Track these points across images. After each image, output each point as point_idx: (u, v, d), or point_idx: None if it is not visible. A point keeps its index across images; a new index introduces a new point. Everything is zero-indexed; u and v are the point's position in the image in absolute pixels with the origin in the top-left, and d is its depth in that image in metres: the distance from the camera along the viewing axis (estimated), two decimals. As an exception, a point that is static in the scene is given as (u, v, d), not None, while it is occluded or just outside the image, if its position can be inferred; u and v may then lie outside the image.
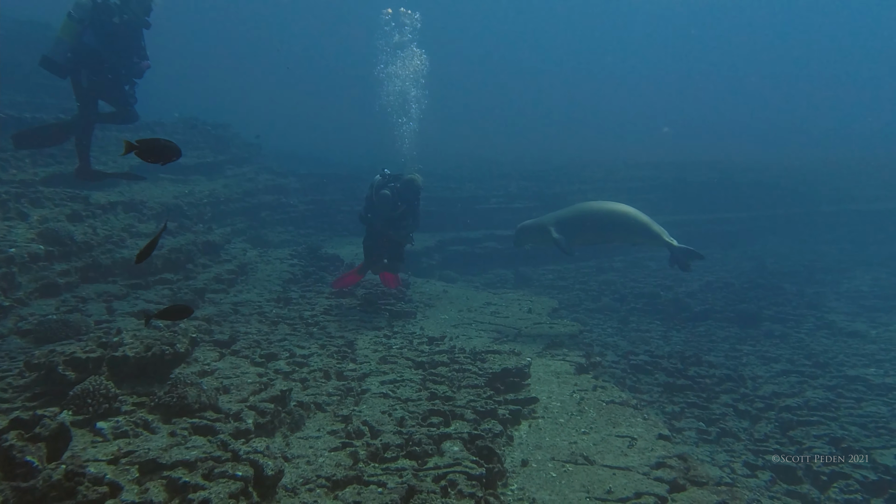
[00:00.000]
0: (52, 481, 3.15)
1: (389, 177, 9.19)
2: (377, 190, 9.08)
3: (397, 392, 5.49)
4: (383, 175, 9.20)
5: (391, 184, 9.05)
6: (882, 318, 12.62)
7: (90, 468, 3.41)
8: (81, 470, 3.30)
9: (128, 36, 8.14)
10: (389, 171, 9.30)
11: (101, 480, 3.30)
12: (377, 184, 9.14)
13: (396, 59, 13.74)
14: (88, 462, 3.53)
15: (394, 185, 9.02)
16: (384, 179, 9.14)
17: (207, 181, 14.87)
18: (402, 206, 9.04)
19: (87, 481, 3.25)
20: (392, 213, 9.04)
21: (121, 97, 8.48)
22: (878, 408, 7.71)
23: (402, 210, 9.07)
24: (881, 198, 24.11)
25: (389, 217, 9.05)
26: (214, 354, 5.75)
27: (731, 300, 12.86)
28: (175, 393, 4.41)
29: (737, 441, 6.79)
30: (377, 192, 9.05)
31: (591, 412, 5.53)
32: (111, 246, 8.59)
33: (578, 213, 9.43)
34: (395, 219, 9.09)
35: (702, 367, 8.67)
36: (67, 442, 3.56)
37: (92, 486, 3.23)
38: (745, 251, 19.26)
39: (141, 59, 8.49)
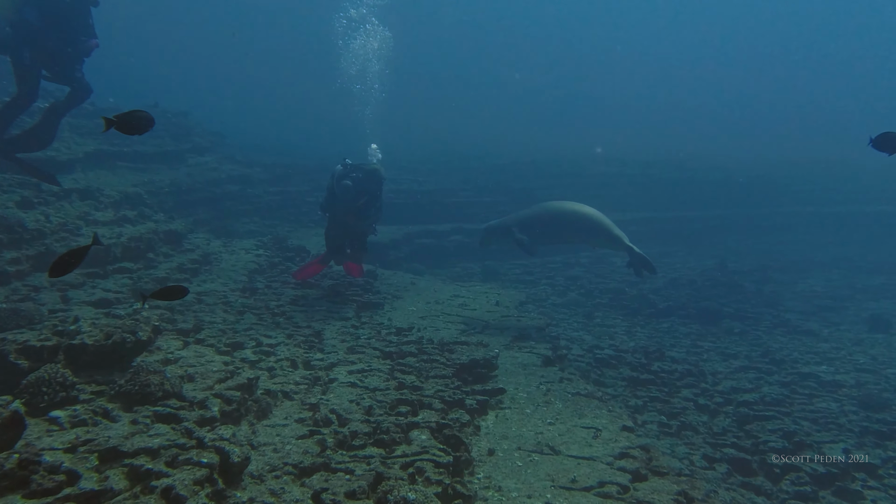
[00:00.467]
0: (5, 470, 3.04)
1: (351, 167, 8.98)
2: (338, 180, 8.88)
3: (365, 381, 5.46)
4: (344, 165, 8.99)
5: (353, 174, 8.86)
6: (833, 318, 13.07)
7: (46, 457, 3.31)
8: (36, 458, 3.19)
9: (74, 12, 7.86)
10: (351, 160, 9.09)
11: (57, 469, 3.19)
12: (338, 174, 8.93)
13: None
14: (44, 451, 3.41)
15: (356, 176, 8.82)
16: (345, 169, 8.93)
17: (168, 170, 14.50)
18: (364, 196, 8.88)
19: (42, 470, 3.15)
20: (354, 204, 8.86)
21: (70, 73, 8.22)
22: (828, 404, 7.96)
23: (363, 201, 8.90)
24: (837, 201, 24.98)
25: (351, 208, 8.88)
26: (178, 343, 5.61)
27: (693, 297, 13.13)
28: (137, 381, 4.29)
29: (696, 434, 6.94)
30: (338, 183, 8.86)
31: (558, 403, 5.59)
32: (65, 234, 8.29)
33: (542, 214, 9.48)
34: (357, 209, 8.92)
35: (664, 363, 8.84)
36: (21, 431, 3.44)
37: (48, 475, 3.13)
38: (707, 249, 19.70)
39: (88, 37, 8.21)
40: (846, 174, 27.55)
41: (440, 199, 18.30)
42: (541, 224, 9.33)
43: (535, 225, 9.31)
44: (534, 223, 9.32)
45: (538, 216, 9.44)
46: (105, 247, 8.16)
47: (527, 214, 9.53)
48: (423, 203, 17.85)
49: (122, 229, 9.28)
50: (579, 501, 3.92)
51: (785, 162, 28.55)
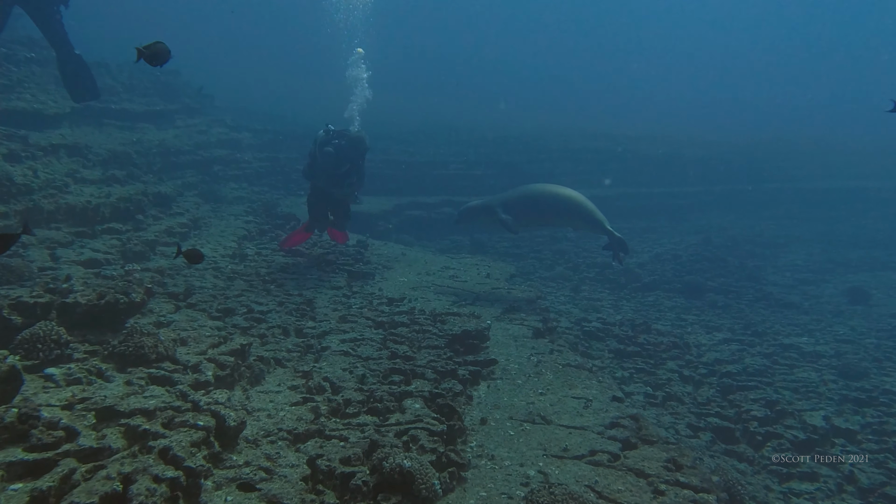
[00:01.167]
0: (5, 423, 3.04)
1: (334, 133, 8.73)
2: (320, 146, 8.65)
3: (358, 350, 5.49)
4: (327, 131, 8.74)
5: (335, 140, 8.61)
6: (813, 291, 13.33)
7: (44, 412, 3.31)
8: (35, 413, 3.20)
9: None
10: (334, 126, 8.84)
11: (55, 425, 3.20)
12: (320, 140, 8.69)
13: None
14: (42, 406, 3.40)
15: (338, 143, 8.57)
16: (328, 136, 8.69)
17: (157, 130, 14.22)
18: (346, 164, 8.65)
19: (41, 425, 3.15)
20: (335, 171, 8.62)
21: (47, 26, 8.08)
22: (808, 373, 8.18)
23: (346, 168, 8.67)
24: (817, 177, 25.22)
25: (333, 175, 8.71)
26: (170, 306, 5.59)
27: (678, 272, 13.29)
28: (131, 342, 4.28)
29: (681, 404, 7.10)
30: (320, 149, 8.61)
31: (548, 374, 5.66)
32: (53, 191, 8.17)
33: (525, 196, 9.35)
34: (339, 177, 8.68)
35: (650, 335, 8.97)
36: (18, 386, 3.43)
37: (47, 430, 3.14)
38: (692, 224, 19.85)
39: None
40: (825, 152, 27.84)
41: (430, 171, 18.18)
42: (523, 206, 9.23)
43: (517, 207, 9.21)
44: (515, 205, 9.23)
45: (520, 198, 9.34)
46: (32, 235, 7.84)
47: (509, 196, 9.42)
48: (414, 174, 17.73)
49: (110, 188, 9.15)
50: (571, 469, 4.00)
51: (767, 140, 28.72)
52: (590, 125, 26.98)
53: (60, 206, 7.76)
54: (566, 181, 19.99)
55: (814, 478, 5.50)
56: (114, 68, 14.73)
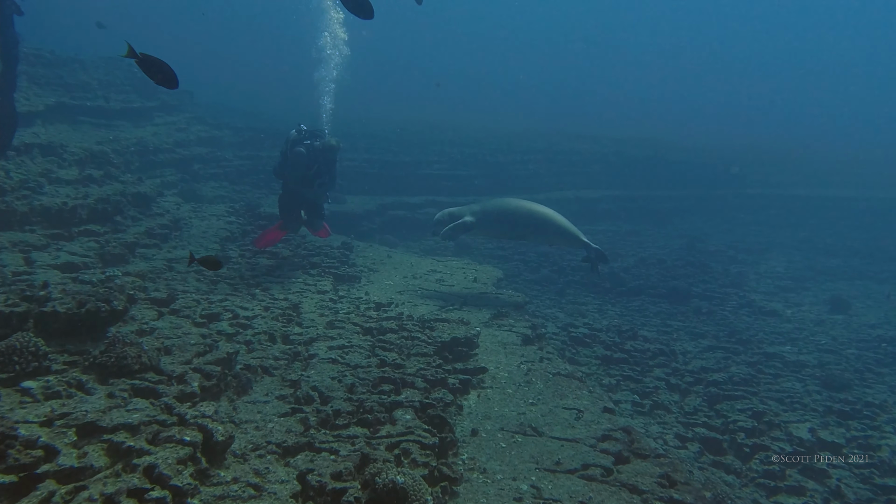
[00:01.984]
0: (-20, 445, 2.89)
1: (306, 133, 8.62)
2: (292, 146, 8.51)
3: (346, 358, 5.38)
4: (299, 131, 8.63)
5: (307, 140, 8.49)
6: (794, 298, 13.47)
7: (21, 430, 3.15)
8: (12, 432, 3.05)
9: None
10: (306, 126, 8.72)
11: (34, 443, 3.06)
12: (292, 139, 8.56)
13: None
14: (19, 423, 3.25)
15: (309, 143, 8.45)
16: (299, 135, 8.57)
17: (134, 128, 13.95)
18: (315, 165, 8.51)
19: (18, 444, 3.00)
20: (306, 172, 8.50)
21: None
22: (792, 384, 8.23)
23: (315, 168, 8.51)
24: (797, 184, 25.61)
25: (303, 175, 8.53)
26: (152, 313, 5.42)
27: (663, 276, 13.35)
28: (113, 352, 4.12)
29: (668, 413, 7.10)
30: (291, 149, 8.49)
31: (539, 383, 5.60)
32: (26, 192, 7.93)
33: (501, 210, 9.20)
34: (309, 177, 8.56)
35: (637, 342, 8.98)
36: (-6, 403, 3.27)
37: (24, 450, 2.99)
38: (675, 228, 20.04)
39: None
40: (804, 161, 28.30)
41: (414, 170, 18.10)
42: (500, 219, 9.12)
43: (494, 219, 9.10)
44: (492, 217, 9.10)
45: (497, 212, 9.19)
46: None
47: (487, 208, 9.26)
48: (398, 174, 17.63)
49: (87, 189, 8.91)
50: (564, 484, 3.94)
51: (748, 148, 29.09)
52: (574, 128, 27.07)
53: (34, 207, 7.53)
54: (551, 182, 20.17)
55: (801, 492, 5.50)
56: (89, 64, 14.41)
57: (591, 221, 19.10)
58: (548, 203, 18.97)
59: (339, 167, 8.93)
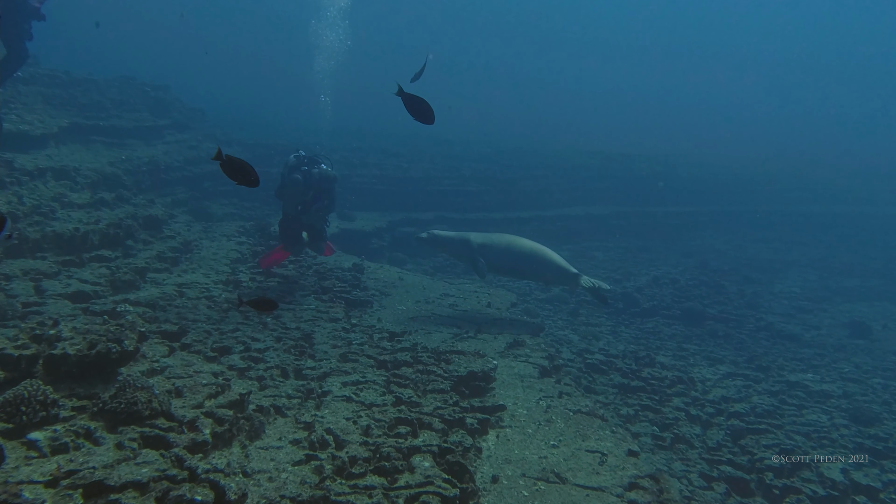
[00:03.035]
0: (-16, 515, 2.75)
1: (304, 159, 8.74)
2: (289, 172, 8.65)
3: (361, 395, 5.23)
4: (297, 157, 8.76)
5: (304, 167, 8.60)
6: (812, 321, 13.22)
7: (25, 493, 3.03)
8: (16, 500, 2.92)
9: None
10: (305, 152, 8.88)
11: (41, 511, 2.92)
12: (290, 164, 8.70)
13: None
14: (23, 485, 3.12)
15: (306, 170, 8.57)
16: (297, 161, 8.69)
17: (146, 146, 13.93)
18: (311, 192, 8.59)
19: (24, 512, 2.87)
20: (302, 198, 8.61)
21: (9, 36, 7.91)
22: (818, 416, 8.01)
23: (311, 195, 8.62)
24: (810, 200, 25.32)
25: (299, 202, 8.65)
26: (163, 349, 5.30)
27: (677, 297, 13.15)
28: (123, 398, 3.99)
29: (691, 448, 6.89)
30: (289, 175, 8.64)
31: (559, 422, 5.43)
32: (39, 217, 7.87)
33: (502, 246, 9.11)
34: (305, 203, 8.67)
35: (654, 369, 8.78)
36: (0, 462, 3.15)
37: (31, 518, 2.86)
38: (686, 245, 19.80)
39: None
40: (815, 175, 28.00)
41: (424, 186, 17.99)
42: (496, 254, 9.04)
43: (494, 253, 9.03)
44: (492, 251, 9.01)
45: (495, 246, 9.10)
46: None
47: (489, 241, 9.14)
48: (407, 191, 17.53)
49: (99, 213, 8.85)
50: (591, 540, 3.77)
51: (759, 161, 28.86)
52: (585, 142, 26.97)
53: (47, 234, 7.45)
54: (562, 198, 20.01)
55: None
56: (102, 84, 14.43)
57: (602, 238, 18.94)
58: (558, 220, 18.90)
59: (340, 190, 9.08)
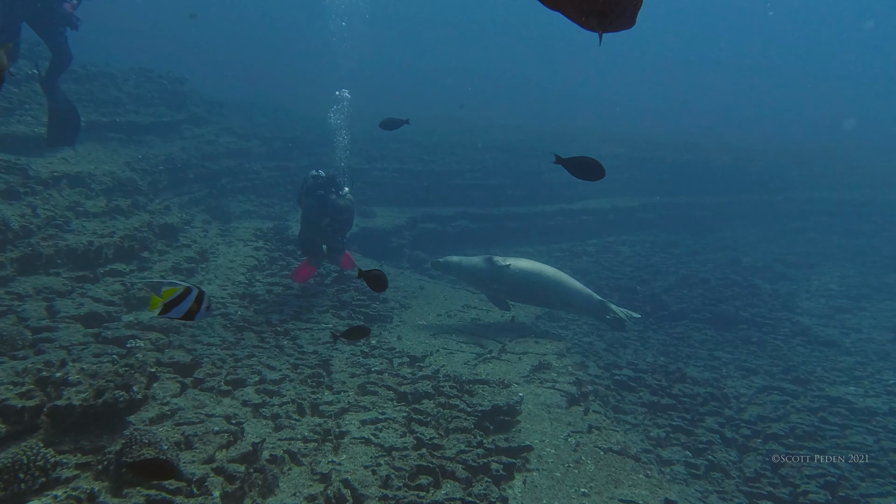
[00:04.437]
0: None
1: (321, 180, 8.67)
2: (307, 194, 8.68)
3: (380, 437, 4.97)
4: (316, 178, 8.71)
5: (320, 192, 8.56)
6: (852, 322, 12.68)
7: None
8: None
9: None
10: (324, 173, 8.81)
11: None
12: (308, 185, 8.70)
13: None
14: (19, 573, 2.91)
15: (322, 195, 8.52)
16: (315, 183, 8.65)
17: (163, 143, 13.71)
18: (327, 218, 8.58)
19: None
20: (318, 223, 8.63)
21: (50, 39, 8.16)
22: (863, 437, 7.59)
23: (327, 222, 8.63)
24: (847, 187, 24.36)
25: (315, 225, 8.68)
26: (175, 386, 5.07)
27: (707, 299, 12.68)
28: (129, 457, 3.77)
29: (727, 478, 6.56)
30: (305, 199, 8.70)
31: (590, 464, 5.13)
32: (53, 230, 7.68)
33: (522, 273, 8.92)
34: (321, 227, 8.69)
35: (685, 385, 8.42)
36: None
37: None
38: (716, 238, 19.19)
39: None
40: (853, 162, 26.94)
41: (445, 180, 17.58)
42: (514, 282, 8.86)
43: (514, 281, 8.86)
44: (512, 278, 8.84)
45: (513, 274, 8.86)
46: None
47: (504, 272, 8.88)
48: (429, 185, 17.16)
49: (114, 222, 8.66)
50: None
51: (793, 149, 27.86)
52: (609, 129, 26.24)
53: (60, 248, 7.26)
54: (586, 190, 19.48)
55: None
56: (119, 78, 14.20)
57: (629, 231, 18.42)
58: (584, 213, 18.38)
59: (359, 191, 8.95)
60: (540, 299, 9.11)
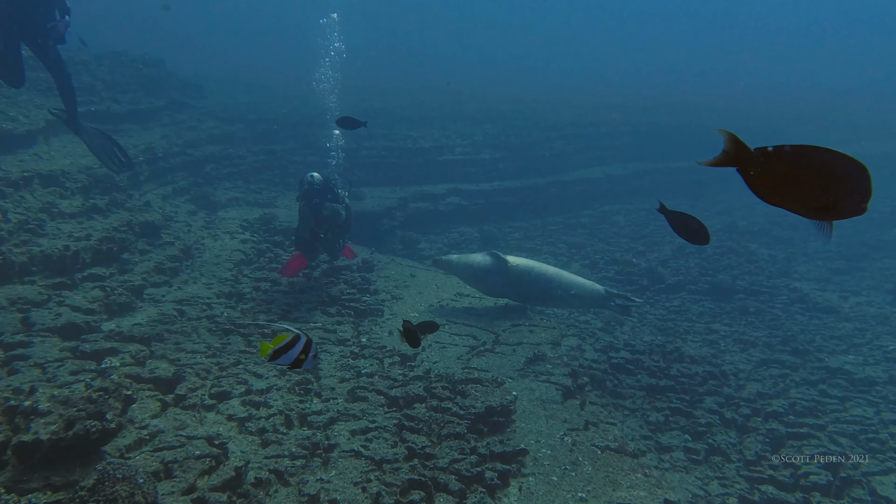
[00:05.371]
0: None
1: (317, 187, 8.37)
2: (302, 197, 8.46)
3: (370, 448, 4.81)
4: (311, 182, 8.42)
5: (315, 200, 8.27)
6: (850, 284, 12.58)
7: None
8: None
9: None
10: (319, 178, 8.51)
11: None
12: (304, 190, 8.45)
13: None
14: None
15: (318, 203, 8.23)
16: (311, 189, 8.37)
17: (142, 131, 13.33)
18: (324, 225, 8.35)
19: None
20: (315, 230, 8.45)
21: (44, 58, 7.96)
22: (863, 409, 7.51)
23: (324, 229, 8.44)
24: (846, 140, 24.00)
25: (312, 231, 8.49)
26: (154, 406, 4.89)
27: (704, 269, 12.52)
28: (101, 495, 3.60)
29: (727, 462, 6.45)
30: (301, 208, 8.51)
31: (587, 464, 5.00)
32: (26, 235, 7.42)
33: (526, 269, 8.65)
34: (317, 234, 8.53)
35: (683, 364, 8.28)
36: None
37: None
38: (713, 202, 18.98)
39: (60, 13, 7.71)
40: (845, 112, 26.51)
41: (435, 156, 17.20)
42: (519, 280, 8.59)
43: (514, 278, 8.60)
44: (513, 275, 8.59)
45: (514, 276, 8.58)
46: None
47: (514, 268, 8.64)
48: (417, 162, 16.81)
49: (91, 223, 8.39)
50: None
51: (792, 101, 27.42)
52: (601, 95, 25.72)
53: (34, 255, 7.01)
54: (579, 160, 19.16)
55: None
56: (92, 64, 13.76)
57: (623, 200, 18.18)
58: (577, 184, 18.10)
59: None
60: (545, 296, 8.80)
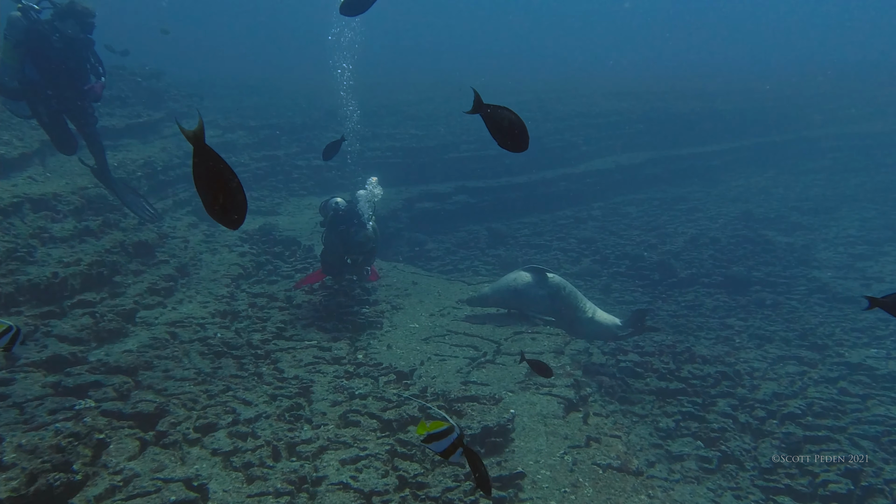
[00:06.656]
0: None
1: (343, 214, 8.33)
2: (328, 224, 8.50)
3: (360, 479, 4.59)
4: (335, 208, 8.44)
5: (341, 227, 8.29)
6: (873, 271, 12.07)
7: None
8: None
9: (70, 60, 7.68)
10: (344, 204, 8.48)
11: None
12: (329, 218, 8.50)
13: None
14: None
15: (344, 230, 8.23)
16: (335, 216, 8.39)
17: (141, 145, 13.22)
18: (353, 253, 8.46)
19: None
20: (344, 258, 8.53)
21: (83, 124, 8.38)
22: (886, 408, 7.15)
23: (354, 256, 8.53)
24: (867, 117, 23.26)
25: (339, 257, 8.56)
26: (133, 446, 4.69)
27: (718, 261, 12.13)
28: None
29: (741, 470, 6.17)
30: (325, 235, 8.57)
31: (587, 486, 4.73)
32: (15, 263, 7.28)
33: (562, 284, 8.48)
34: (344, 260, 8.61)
35: (695, 365, 7.96)
36: None
37: None
38: (728, 189, 18.45)
39: (95, 76, 8.05)
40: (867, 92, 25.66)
41: (440, 154, 16.92)
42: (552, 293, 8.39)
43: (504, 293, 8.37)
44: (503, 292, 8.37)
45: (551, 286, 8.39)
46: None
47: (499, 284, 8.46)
48: (424, 161, 16.55)
49: (83, 246, 8.26)
50: None
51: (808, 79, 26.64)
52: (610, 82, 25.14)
53: (21, 285, 6.88)
54: (589, 150, 18.74)
55: None
56: (90, 80, 13.64)
57: (635, 190, 17.75)
58: (587, 175, 17.69)
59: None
60: (573, 317, 8.42)
